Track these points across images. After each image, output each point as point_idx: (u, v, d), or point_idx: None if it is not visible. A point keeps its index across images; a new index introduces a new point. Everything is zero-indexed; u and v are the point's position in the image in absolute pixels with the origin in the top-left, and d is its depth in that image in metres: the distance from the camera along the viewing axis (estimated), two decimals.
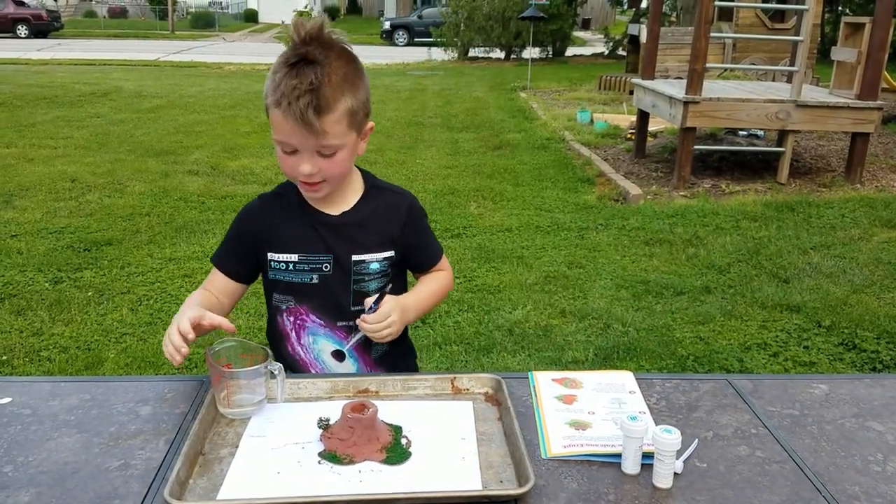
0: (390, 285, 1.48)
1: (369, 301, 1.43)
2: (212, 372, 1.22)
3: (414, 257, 1.56)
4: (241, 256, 1.49)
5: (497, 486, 1.06)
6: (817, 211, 5.66)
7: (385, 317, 1.38)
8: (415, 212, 1.54)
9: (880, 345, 3.47)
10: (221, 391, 1.22)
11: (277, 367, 1.24)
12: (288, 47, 1.32)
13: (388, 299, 1.41)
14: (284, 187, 1.50)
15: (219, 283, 1.49)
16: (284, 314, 1.48)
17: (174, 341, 1.25)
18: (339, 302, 1.46)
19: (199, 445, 1.13)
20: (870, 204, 5.81)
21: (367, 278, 1.46)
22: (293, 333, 1.49)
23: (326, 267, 1.44)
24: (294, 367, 1.50)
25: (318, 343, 1.49)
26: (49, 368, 3.17)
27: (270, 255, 1.45)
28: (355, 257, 1.45)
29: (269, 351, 1.27)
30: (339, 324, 1.47)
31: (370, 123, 1.44)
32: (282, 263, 1.44)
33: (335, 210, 1.46)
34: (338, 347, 1.48)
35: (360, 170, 1.54)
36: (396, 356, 1.57)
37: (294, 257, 1.43)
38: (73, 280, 4.18)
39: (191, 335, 1.26)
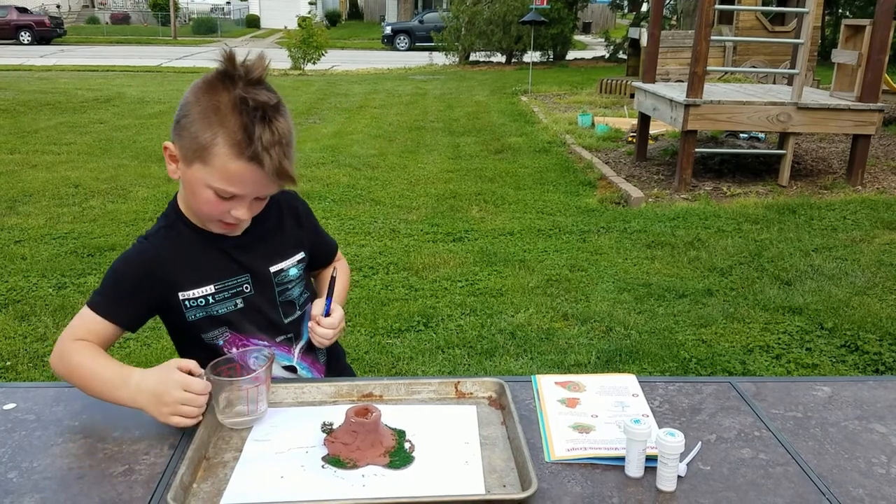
0: (335, 273, 1.45)
1: (318, 305, 1.40)
2: (212, 382, 1.20)
3: (318, 253, 1.55)
4: (136, 304, 1.33)
5: (500, 490, 1.06)
6: (819, 213, 5.66)
7: (340, 321, 1.41)
8: (306, 207, 1.53)
9: (883, 347, 3.47)
10: (221, 402, 1.21)
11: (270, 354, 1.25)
12: (232, 84, 1.21)
13: (337, 306, 1.41)
14: (169, 219, 1.39)
15: (102, 332, 1.31)
16: (225, 349, 1.39)
17: (189, 399, 1.15)
18: (270, 318, 1.42)
19: (203, 450, 1.14)
20: (871, 206, 5.81)
21: (289, 286, 1.44)
22: (241, 361, 1.37)
23: (247, 288, 1.38)
24: None
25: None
26: (53, 374, 3.18)
27: (183, 295, 1.33)
28: (273, 268, 1.41)
29: (273, 353, 1.27)
30: (279, 339, 1.44)
31: None
32: (200, 299, 1.34)
33: (236, 230, 1.36)
34: (287, 363, 1.46)
35: None
36: (334, 356, 1.59)
37: (210, 288, 1.34)
38: (76, 285, 4.19)
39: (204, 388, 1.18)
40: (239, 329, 1.39)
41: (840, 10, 20.82)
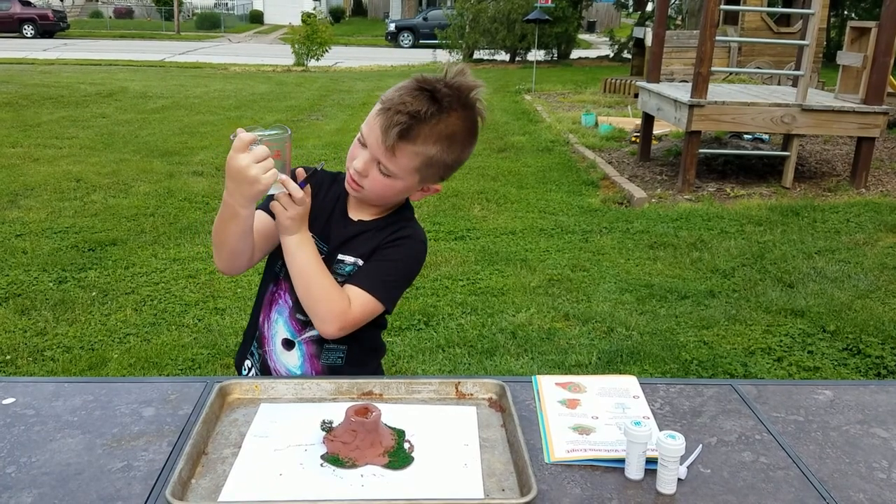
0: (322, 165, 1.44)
1: (302, 172, 1.38)
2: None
3: (358, 270, 1.45)
4: None
5: (499, 494, 1.06)
6: (822, 215, 5.65)
7: (302, 198, 1.33)
8: (402, 242, 1.47)
9: (885, 350, 3.46)
10: None
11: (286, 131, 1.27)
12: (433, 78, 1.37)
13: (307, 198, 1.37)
14: (341, 175, 1.53)
15: (259, 222, 1.43)
16: (279, 283, 1.50)
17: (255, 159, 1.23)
18: None
19: (202, 445, 1.13)
20: (875, 209, 5.79)
21: (339, 279, 1.44)
22: (269, 306, 1.52)
23: (323, 251, 1.46)
24: (259, 336, 1.55)
25: (277, 324, 1.51)
26: (53, 368, 3.18)
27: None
28: (339, 256, 1.46)
29: (290, 133, 1.30)
30: (298, 316, 1.47)
31: (438, 186, 1.47)
32: None
33: (356, 216, 1.49)
34: (290, 337, 1.50)
35: (407, 202, 1.53)
36: (352, 369, 1.50)
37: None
38: (77, 280, 4.19)
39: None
40: (288, 280, 1.45)
41: (846, 12, 20.78)
